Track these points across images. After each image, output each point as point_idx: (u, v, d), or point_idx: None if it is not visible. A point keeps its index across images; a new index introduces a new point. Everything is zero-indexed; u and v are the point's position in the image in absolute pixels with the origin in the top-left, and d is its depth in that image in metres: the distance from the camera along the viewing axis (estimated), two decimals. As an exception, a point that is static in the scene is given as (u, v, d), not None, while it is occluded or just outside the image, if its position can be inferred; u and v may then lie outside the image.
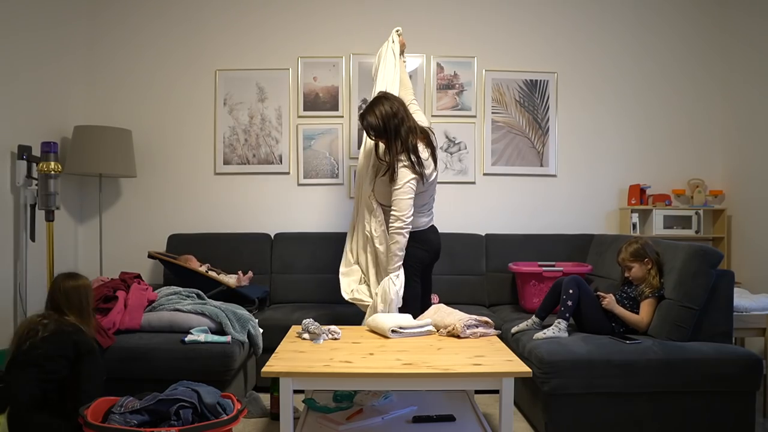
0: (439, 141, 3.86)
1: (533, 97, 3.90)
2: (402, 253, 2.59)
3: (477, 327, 2.36)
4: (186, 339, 2.45)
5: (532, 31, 3.90)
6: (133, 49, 3.83)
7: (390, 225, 2.60)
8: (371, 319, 2.46)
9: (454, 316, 2.42)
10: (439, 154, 3.83)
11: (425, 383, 1.97)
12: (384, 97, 2.63)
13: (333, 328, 2.36)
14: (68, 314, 2.07)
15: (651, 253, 2.61)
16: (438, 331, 2.43)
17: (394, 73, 2.87)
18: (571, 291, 2.54)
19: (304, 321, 2.37)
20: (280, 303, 3.51)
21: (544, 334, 2.51)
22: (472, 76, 3.88)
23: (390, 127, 2.55)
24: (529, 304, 3.20)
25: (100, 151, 3.37)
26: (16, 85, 3.10)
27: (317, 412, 2.34)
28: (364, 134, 2.73)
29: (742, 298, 2.86)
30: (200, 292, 2.87)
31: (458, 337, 2.32)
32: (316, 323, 2.33)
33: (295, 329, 2.49)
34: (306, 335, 2.31)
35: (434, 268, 3.53)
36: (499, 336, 2.43)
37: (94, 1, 3.80)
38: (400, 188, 2.55)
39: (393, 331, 2.32)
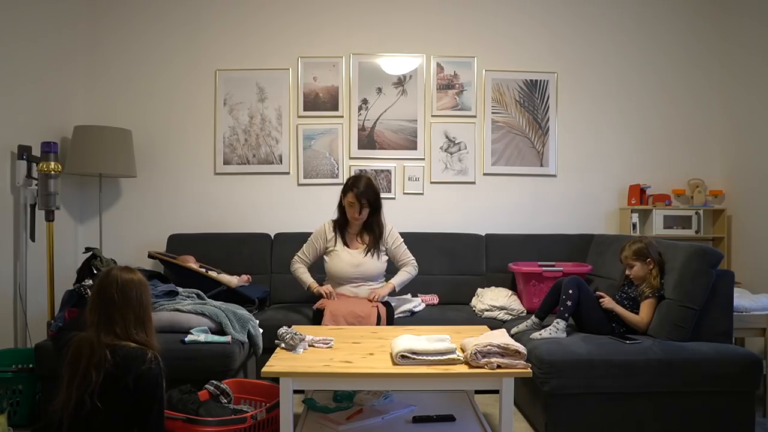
0: (439, 141, 3.87)
1: (533, 97, 3.90)
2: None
3: (501, 357, 1.91)
4: (186, 339, 2.45)
5: (532, 31, 3.90)
6: (133, 49, 3.83)
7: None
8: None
9: (482, 340, 1.99)
10: (439, 154, 3.85)
11: (425, 383, 1.98)
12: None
13: (324, 338, 2.23)
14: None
15: (654, 254, 2.61)
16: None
17: None
18: (570, 291, 2.54)
19: (279, 331, 2.22)
20: (280, 303, 3.51)
21: (540, 334, 2.51)
22: (472, 76, 3.88)
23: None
24: (529, 304, 3.20)
25: (100, 151, 3.37)
26: (16, 85, 3.10)
27: (317, 412, 2.34)
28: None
29: (742, 298, 2.86)
30: (200, 292, 2.87)
31: (469, 365, 1.94)
32: (292, 331, 2.18)
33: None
34: (283, 345, 2.18)
35: (434, 268, 3.57)
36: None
37: (94, 2, 3.80)
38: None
39: (402, 356, 1.95)
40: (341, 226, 3.08)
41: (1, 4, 2.96)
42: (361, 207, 2.94)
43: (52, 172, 3.05)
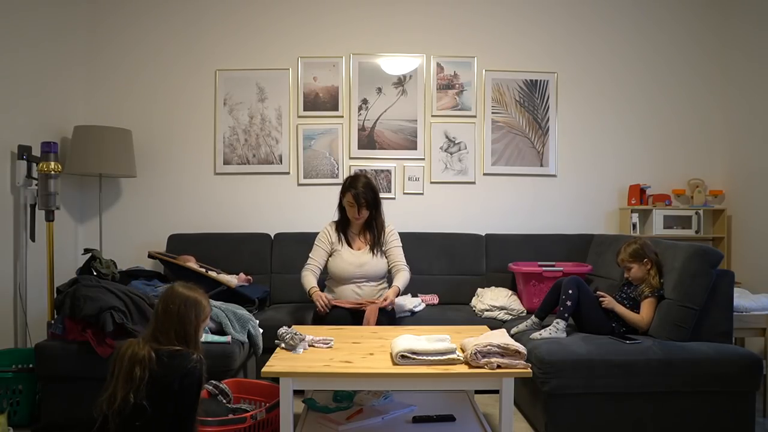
0: (439, 141, 3.87)
1: (533, 97, 3.90)
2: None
3: (501, 357, 1.91)
4: (186, 339, 2.45)
5: (532, 31, 3.90)
6: (133, 49, 3.83)
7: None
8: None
9: (482, 340, 1.99)
10: (439, 154, 3.85)
11: (425, 383, 1.97)
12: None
13: (324, 338, 2.24)
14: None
15: (650, 254, 2.61)
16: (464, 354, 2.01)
17: None
18: (570, 291, 2.54)
19: (279, 331, 2.23)
20: (280, 303, 3.51)
21: (540, 335, 2.51)
22: (472, 76, 3.88)
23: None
24: (529, 304, 3.20)
25: (100, 151, 3.37)
26: (16, 86, 3.10)
27: (317, 412, 2.34)
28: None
29: (742, 298, 2.86)
30: (200, 292, 2.86)
31: (469, 365, 1.94)
32: (292, 331, 2.20)
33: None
34: (283, 345, 2.19)
35: (434, 268, 3.57)
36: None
37: (94, 2, 3.80)
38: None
39: (402, 356, 1.95)
40: (343, 226, 3.07)
41: (3, 4, 2.97)
42: (360, 207, 2.93)
43: (52, 172, 3.05)
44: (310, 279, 2.96)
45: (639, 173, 3.91)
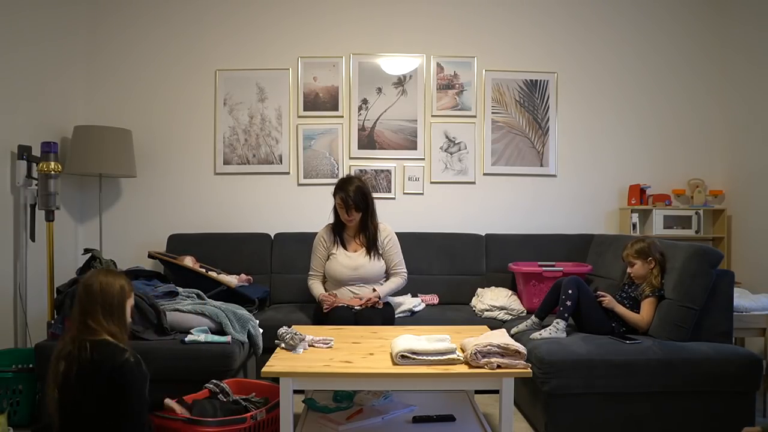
0: (439, 141, 3.87)
1: (533, 97, 3.90)
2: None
3: (501, 357, 1.91)
4: (186, 339, 2.45)
5: (532, 31, 3.90)
6: (133, 49, 3.83)
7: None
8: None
9: (482, 340, 1.99)
10: (439, 154, 3.85)
11: (425, 383, 1.98)
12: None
13: (324, 338, 2.24)
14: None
15: (655, 254, 2.61)
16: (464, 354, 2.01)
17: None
18: (570, 291, 2.54)
19: (279, 331, 2.24)
20: (280, 303, 3.51)
21: (540, 335, 2.51)
22: (472, 76, 3.88)
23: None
24: (529, 304, 3.20)
25: (100, 151, 3.37)
26: (16, 86, 3.10)
27: (317, 412, 2.34)
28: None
29: (742, 298, 2.87)
30: (200, 292, 2.87)
31: (469, 365, 1.93)
32: (292, 331, 2.20)
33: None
34: (283, 345, 2.20)
35: (434, 268, 3.57)
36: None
37: (94, 2, 3.80)
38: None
39: (402, 356, 1.95)
40: (339, 228, 3.06)
41: (3, 4, 2.97)
42: (349, 209, 2.91)
43: (52, 172, 3.05)
44: (317, 286, 3.02)
45: (639, 173, 3.91)
